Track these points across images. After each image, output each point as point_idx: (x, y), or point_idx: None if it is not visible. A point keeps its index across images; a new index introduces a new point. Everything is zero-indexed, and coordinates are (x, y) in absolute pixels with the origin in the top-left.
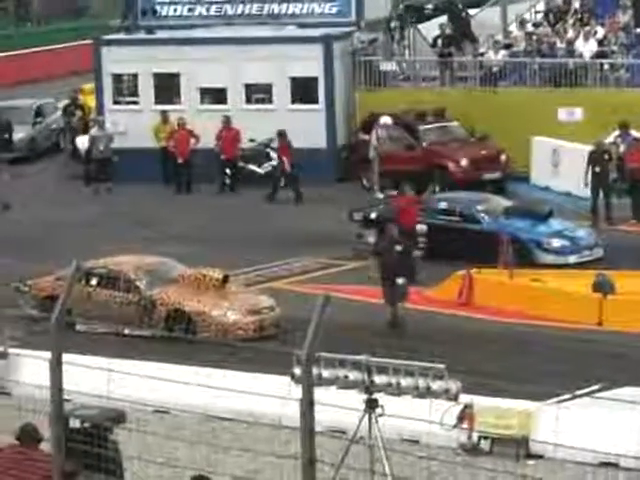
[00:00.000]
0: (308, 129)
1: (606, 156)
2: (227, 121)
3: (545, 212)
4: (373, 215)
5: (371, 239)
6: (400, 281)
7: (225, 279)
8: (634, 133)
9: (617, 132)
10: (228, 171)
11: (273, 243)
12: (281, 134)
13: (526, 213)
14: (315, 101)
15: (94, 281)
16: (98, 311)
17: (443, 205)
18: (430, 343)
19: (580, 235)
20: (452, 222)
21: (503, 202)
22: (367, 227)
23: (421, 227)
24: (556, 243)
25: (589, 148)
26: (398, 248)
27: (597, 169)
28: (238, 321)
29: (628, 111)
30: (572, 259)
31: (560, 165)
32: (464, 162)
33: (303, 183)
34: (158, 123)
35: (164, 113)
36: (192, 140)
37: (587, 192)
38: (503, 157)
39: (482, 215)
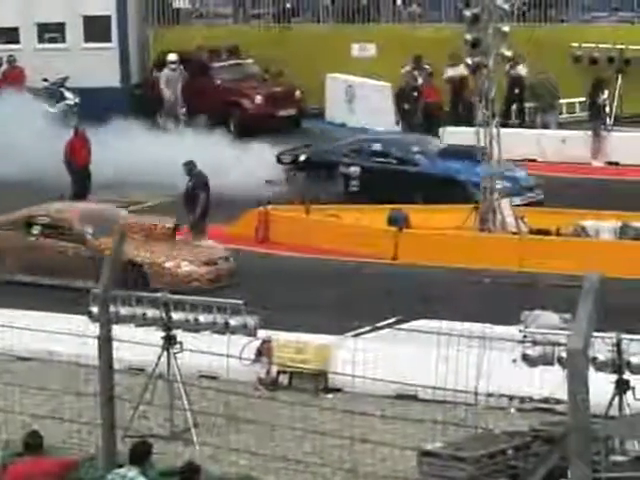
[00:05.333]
0: (102, 68)
1: (415, 93)
2: (12, 60)
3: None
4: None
5: None
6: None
7: (175, 229)
8: (428, 68)
9: (410, 67)
10: None
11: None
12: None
13: (461, 154)
14: (108, 39)
15: None
16: None
17: (377, 147)
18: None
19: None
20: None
21: (437, 143)
22: None
23: (354, 169)
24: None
25: (382, 84)
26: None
27: (406, 106)
28: (193, 272)
29: (421, 46)
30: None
31: (354, 101)
32: (258, 99)
33: (98, 122)
34: None
35: None
36: None
37: (381, 128)
38: (298, 94)
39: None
